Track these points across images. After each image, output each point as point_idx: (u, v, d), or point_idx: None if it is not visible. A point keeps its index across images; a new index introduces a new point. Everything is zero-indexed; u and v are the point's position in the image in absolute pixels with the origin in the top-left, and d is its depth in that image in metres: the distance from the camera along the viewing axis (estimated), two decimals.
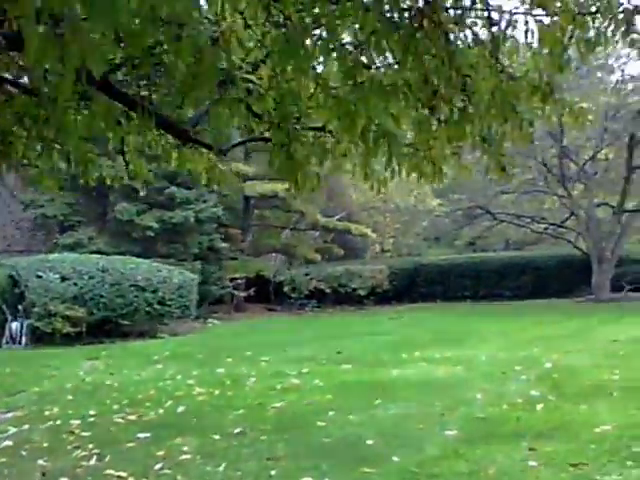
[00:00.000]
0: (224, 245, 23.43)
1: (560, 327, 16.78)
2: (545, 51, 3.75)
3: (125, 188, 16.53)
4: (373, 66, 3.63)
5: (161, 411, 8.28)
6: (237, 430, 7.09)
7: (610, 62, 22.62)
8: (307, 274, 25.36)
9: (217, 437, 6.84)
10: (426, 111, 3.92)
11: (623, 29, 3.59)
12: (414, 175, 4.26)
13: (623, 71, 22.89)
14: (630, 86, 22.34)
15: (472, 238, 33.07)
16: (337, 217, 28.54)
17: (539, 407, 7.41)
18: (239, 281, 23.67)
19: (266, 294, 26.09)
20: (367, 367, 11.44)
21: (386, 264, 27.69)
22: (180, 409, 8.34)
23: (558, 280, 25.81)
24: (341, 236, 29.32)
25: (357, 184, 29.14)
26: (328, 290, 25.36)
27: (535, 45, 3.72)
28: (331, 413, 7.83)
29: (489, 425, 6.80)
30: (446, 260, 28.93)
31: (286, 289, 25.17)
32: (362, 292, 25.48)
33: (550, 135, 22.73)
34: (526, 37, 3.60)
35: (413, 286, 27.49)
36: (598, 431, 6.27)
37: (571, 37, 3.63)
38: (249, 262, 24.27)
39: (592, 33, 3.63)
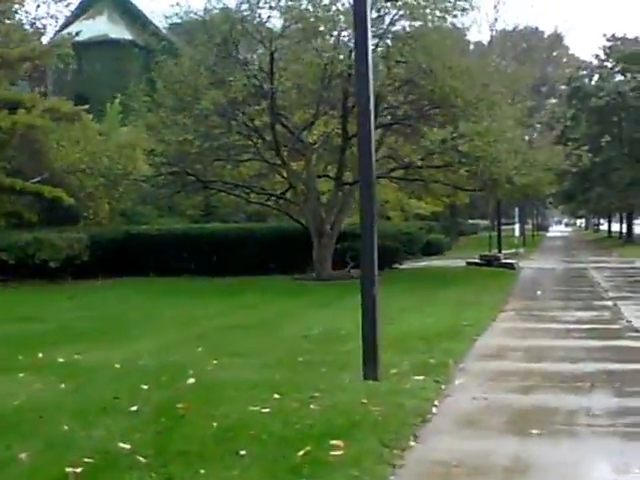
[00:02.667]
0: None
1: (257, 312, 13.99)
2: None
3: None
4: None
5: None
6: None
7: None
8: None
9: None
10: None
11: None
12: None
13: (336, 36, 20.16)
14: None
15: (194, 207, 30.21)
16: (37, 179, 23.89)
17: None
18: None
19: None
20: None
21: (89, 233, 23.41)
22: None
23: (281, 256, 23.47)
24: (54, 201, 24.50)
25: (63, 144, 24.94)
26: (12, 261, 20.64)
27: None
28: None
29: None
30: (160, 230, 25.38)
31: None
32: (54, 264, 21.07)
33: (261, 94, 20.01)
34: None
35: (122, 258, 23.59)
36: None
37: None
38: None
39: None
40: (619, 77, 42.30)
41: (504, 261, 25.18)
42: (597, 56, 44.21)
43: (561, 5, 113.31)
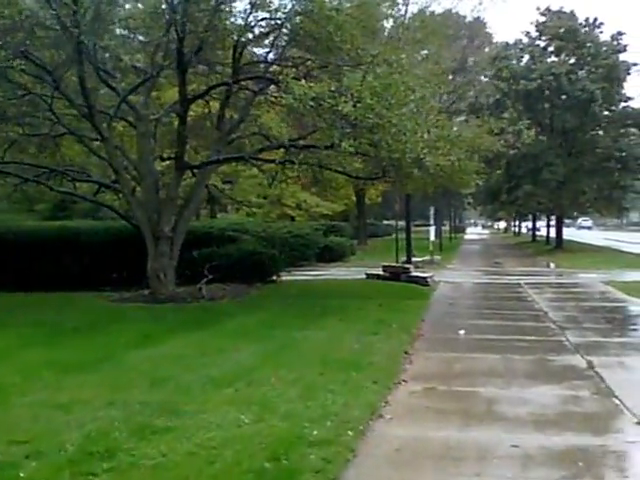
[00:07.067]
0: None
1: None
2: None
3: None
4: None
5: None
6: None
7: None
8: None
9: None
10: None
11: None
12: None
13: None
14: None
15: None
16: None
17: None
18: None
19: None
20: None
21: None
22: None
23: (115, 264, 17.21)
24: None
25: None
26: None
27: None
28: None
29: None
30: None
31: None
32: None
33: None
34: None
35: None
36: None
37: None
38: None
39: None
40: (552, 58, 36.75)
41: (415, 274, 19.21)
42: (527, 33, 38.34)
43: None
